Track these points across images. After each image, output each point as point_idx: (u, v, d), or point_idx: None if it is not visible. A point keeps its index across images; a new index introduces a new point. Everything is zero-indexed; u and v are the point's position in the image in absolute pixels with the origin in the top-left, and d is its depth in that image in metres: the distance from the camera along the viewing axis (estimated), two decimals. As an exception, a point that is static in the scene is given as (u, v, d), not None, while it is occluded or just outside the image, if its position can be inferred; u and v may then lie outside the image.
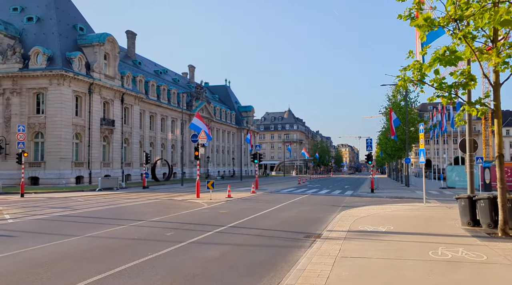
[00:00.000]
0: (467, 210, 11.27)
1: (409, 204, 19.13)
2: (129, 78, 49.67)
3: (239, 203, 19.95)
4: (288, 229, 11.70)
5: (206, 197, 22.29)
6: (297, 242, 9.65)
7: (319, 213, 15.91)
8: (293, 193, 28.99)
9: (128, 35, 62.61)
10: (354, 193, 29.15)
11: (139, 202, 20.15)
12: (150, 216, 14.30)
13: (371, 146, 30.21)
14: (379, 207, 17.43)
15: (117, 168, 46.61)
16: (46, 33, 41.77)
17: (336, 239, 9.47)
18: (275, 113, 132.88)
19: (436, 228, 11.08)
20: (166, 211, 16.08)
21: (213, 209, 16.80)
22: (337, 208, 18.06)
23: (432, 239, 9.34)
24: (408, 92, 36.87)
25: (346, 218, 13.72)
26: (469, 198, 11.29)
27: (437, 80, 9.83)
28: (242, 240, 9.82)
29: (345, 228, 11.29)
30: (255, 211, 16.14)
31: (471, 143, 12.32)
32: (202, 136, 22.41)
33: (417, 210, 16.17)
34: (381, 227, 11.31)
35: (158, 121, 59.04)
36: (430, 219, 13.23)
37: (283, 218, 14.16)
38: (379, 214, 14.60)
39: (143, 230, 11.13)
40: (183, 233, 10.72)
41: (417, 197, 23.67)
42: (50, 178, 38.15)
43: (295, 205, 19.31)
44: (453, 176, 32.79)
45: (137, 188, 34.56)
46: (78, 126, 40.98)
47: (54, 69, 38.32)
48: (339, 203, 20.49)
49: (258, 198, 23.07)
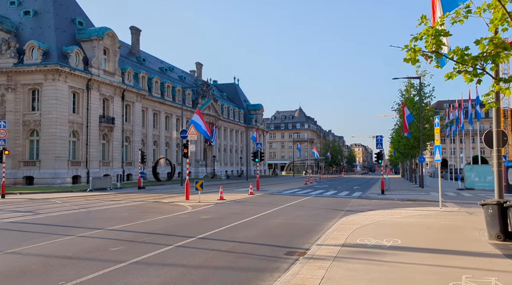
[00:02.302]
0: (496, 220, 8.92)
1: (423, 209, 16.73)
2: (131, 74, 47.92)
3: (230, 206, 17.79)
4: (271, 241, 9.50)
5: (196, 199, 20.19)
6: (273, 262, 7.45)
7: (316, 220, 13.66)
8: (295, 194, 26.73)
9: (132, 31, 61.01)
10: (363, 194, 26.76)
11: (119, 205, 18.14)
12: (116, 222, 12.23)
13: (381, 143, 27.76)
14: (388, 212, 15.09)
15: (117, 167, 44.90)
16: (42, 27, 40.26)
17: (323, 258, 7.24)
18: (286, 111, 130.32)
19: (456, 243, 8.76)
20: (139, 216, 14.01)
21: (195, 214, 14.67)
22: (339, 213, 15.78)
23: (452, 261, 7.04)
24: (422, 86, 34.20)
25: (345, 226, 11.45)
26: (498, 204, 8.93)
27: (458, 51, 7.50)
28: (203, 259, 7.64)
29: (339, 241, 9.03)
30: (242, 217, 13.96)
31: (500, 136, 9.91)
32: (192, 132, 20.31)
33: (432, 217, 13.79)
34: (385, 240, 9.03)
35: (162, 119, 57.28)
36: (448, 229, 10.88)
37: (270, 226, 11.96)
38: (386, 222, 12.28)
39: (89, 243, 9.04)
40: (135, 247, 8.59)
41: (432, 200, 21.21)
42: (45, 178, 36.57)
43: (292, 209, 17.08)
44: (472, 177, 30.11)
45: (132, 189, 32.69)
46: (75, 123, 39.34)
47: (49, 64, 36.71)
48: (342, 207, 18.19)
49: (254, 201, 20.87)
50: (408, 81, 38.01)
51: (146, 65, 59.56)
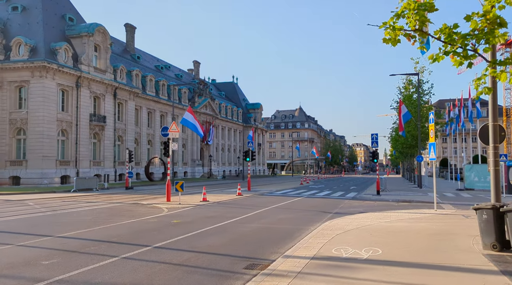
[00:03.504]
0: (492, 227, 7.75)
1: (416, 211, 15.55)
2: (123, 72, 46.82)
3: (210, 208, 16.64)
4: (235, 251, 8.36)
5: (178, 200, 19.03)
6: (226, 279, 6.30)
7: (297, 224, 12.50)
8: (287, 195, 25.57)
9: (127, 29, 59.94)
10: (357, 195, 25.60)
11: (91, 208, 16.99)
12: (72, 228, 11.10)
13: (376, 142, 26.56)
14: (377, 215, 13.93)
15: (109, 167, 43.83)
16: (30, 23, 39.22)
17: (283, 275, 6.09)
18: (286, 111, 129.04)
19: (444, 254, 7.59)
20: (105, 220, 12.87)
21: (167, 218, 13.53)
22: (326, 215, 14.62)
23: (435, 280, 5.88)
24: (421, 82, 32.95)
25: (325, 232, 10.30)
26: (494, 209, 7.76)
27: (446, 29, 6.35)
28: (143, 276, 6.44)
29: (312, 251, 7.88)
30: (217, 221, 12.82)
31: (496, 131, 8.71)
32: (173, 130, 19.17)
33: (424, 220, 12.62)
34: (364, 250, 7.87)
35: (157, 118, 56.15)
36: (438, 235, 9.71)
37: (244, 232, 10.81)
38: (371, 227, 11.12)
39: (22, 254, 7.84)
40: (72, 260, 7.42)
41: (428, 201, 20.04)
42: (32, 178, 35.52)
43: (276, 212, 15.92)
44: (472, 177, 28.87)
45: (120, 189, 31.58)
46: (64, 122, 38.29)
47: (36, 61, 35.66)
48: (331, 209, 17.02)
49: (239, 202, 19.72)
50: (407, 78, 36.77)
51: (141, 63, 58.48)
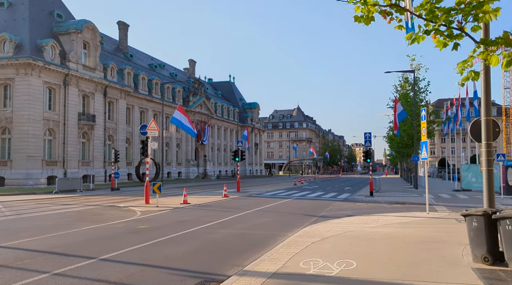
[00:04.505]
0: (483, 237, 6.71)
1: (407, 214, 14.53)
2: (114, 70, 45.77)
3: (187, 212, 15.60)
4: (190, 264, 7.33)
5: (156, 203, 17.97)
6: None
7: (275, 229, 11.47)
8: (276, 196, 24.53)
9: (120, 26, 58.90)
10: (350, 196, 24.55)
11: (60, 211, 15.93)
12: (25, 235, 10.07)
13: (370, 141, 25.53)
14: (364, 219, 12.91)
15: (99, 167, 42.81)
16: (16, 19, 38.17)
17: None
18: (284, 110, 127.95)
19: (428, 268, 6.55)
20: (66, 225, 11.84)
21: (135, 222, 12.50)
22: (310, 219, 13.60)
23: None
24: (417, 80, 31.90)
25: (301, 240, 9.27)
26: (485, 215, 6.72)
27: (427, 3, 5.33)
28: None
29: (276, 265, 6.85)
30: (189, 226, 11.79)
31: (490, 126, 7.67)
32: (152, 127, 18.13)
33: (413, 225, 11.59)
34: (336, 263, 6.84)
35: (150, 117, 54.95)
36: (425, 243, 8.67)
37: (211, 240, 9.76)
38: (353, 233, 10.08)
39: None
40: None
41: (422, 203, 18.94)
42: (16, 179, 34.49)
43: (257, 215, 14.89)
44: (469, 177, 27.83)
45: (106, 190, 30.53)
46: (51, 121, 37.25)
47: (20, 58, 34.61)
48: (318, 212, 15.99)
49: (222, 205, 18.67)
50: (403, 75, 35.76)
51: (134, 62, 57.44)
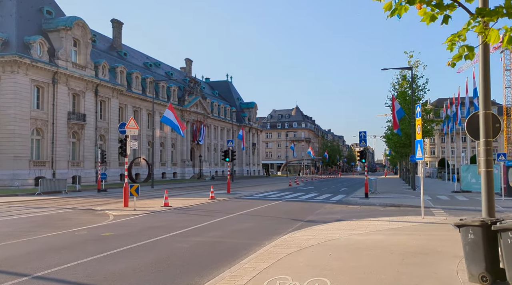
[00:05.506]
0: (481, 251, 5.64)
1: (401, 219, 13.46)
2: (106, 68, 44.76)
3: (163, 216, 14.52)
4: (139, 281, 6.27)
5: (138, 205, 16.93)
6: None
7: (252, 237, 10.42)
8: (267, 198, 23.48)
9: (114, 24, 57.91)
10: (344, 198, 23.49)
11: (28, 215, 14.85)
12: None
13: (365, 140, 24.44)
14: (354, 225, 11.86)
15: (90, 168, 41.78)
16: (4, 16, 37.14)
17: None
18: (282, 110, 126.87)
19: (415, 289, 5.49)
20: (24, 233, 10.79)
21: (101, 229, 11.44)
22: (294, 224, 12.54)
23: None
24: (415, 77, 30.84)
25: (276, 250, 8.21)
26: (483, 226, 5.65)
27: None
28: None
29: None
30: (159, 233, 10.73)
31: (489, 121, 6.61)
32: (131, 126, 17.09)
33: (405, 232, 10.53)
34: (307, 283, 5.77)
35: (144, 117, 54.03)
36: (416, 255, 7.60)
37: (176, 250, 8.69)
38: (337, 242, 9.02)
39: None
40: None
41: (419, 205, 17.86)
42: (2, 180, 33.42)
43: (238, 220, 13.82)
44: (469, 178, 26.75)
45: (92, 192, 29.47)
46: (39, 120, 36.21)
47: (6, 55, 33.58)
48: (306, 216, 14.93)
49: (205, 208, 17.60)
50: (401, 73, 34.66)
51: (128, 60, 56.42)
